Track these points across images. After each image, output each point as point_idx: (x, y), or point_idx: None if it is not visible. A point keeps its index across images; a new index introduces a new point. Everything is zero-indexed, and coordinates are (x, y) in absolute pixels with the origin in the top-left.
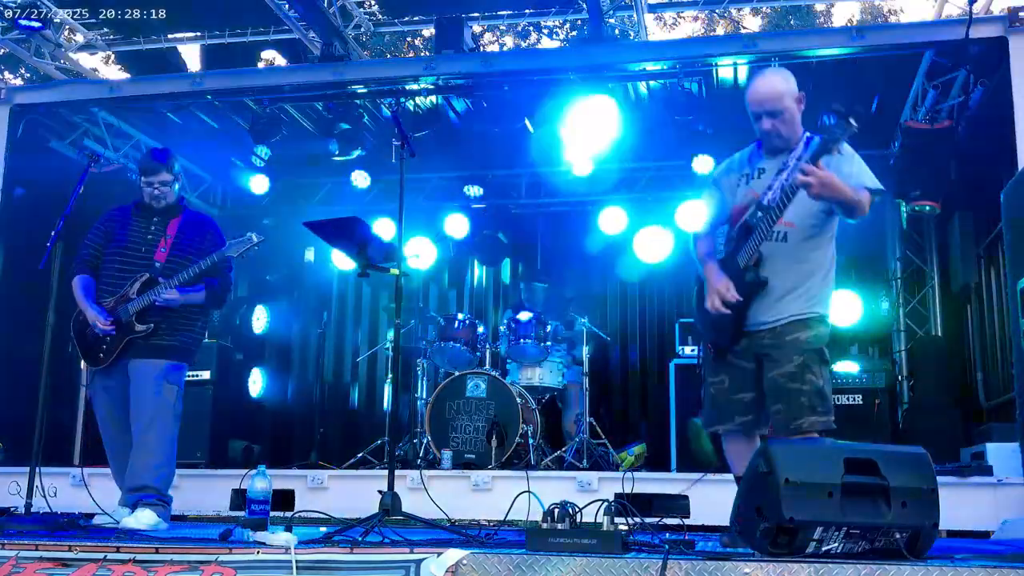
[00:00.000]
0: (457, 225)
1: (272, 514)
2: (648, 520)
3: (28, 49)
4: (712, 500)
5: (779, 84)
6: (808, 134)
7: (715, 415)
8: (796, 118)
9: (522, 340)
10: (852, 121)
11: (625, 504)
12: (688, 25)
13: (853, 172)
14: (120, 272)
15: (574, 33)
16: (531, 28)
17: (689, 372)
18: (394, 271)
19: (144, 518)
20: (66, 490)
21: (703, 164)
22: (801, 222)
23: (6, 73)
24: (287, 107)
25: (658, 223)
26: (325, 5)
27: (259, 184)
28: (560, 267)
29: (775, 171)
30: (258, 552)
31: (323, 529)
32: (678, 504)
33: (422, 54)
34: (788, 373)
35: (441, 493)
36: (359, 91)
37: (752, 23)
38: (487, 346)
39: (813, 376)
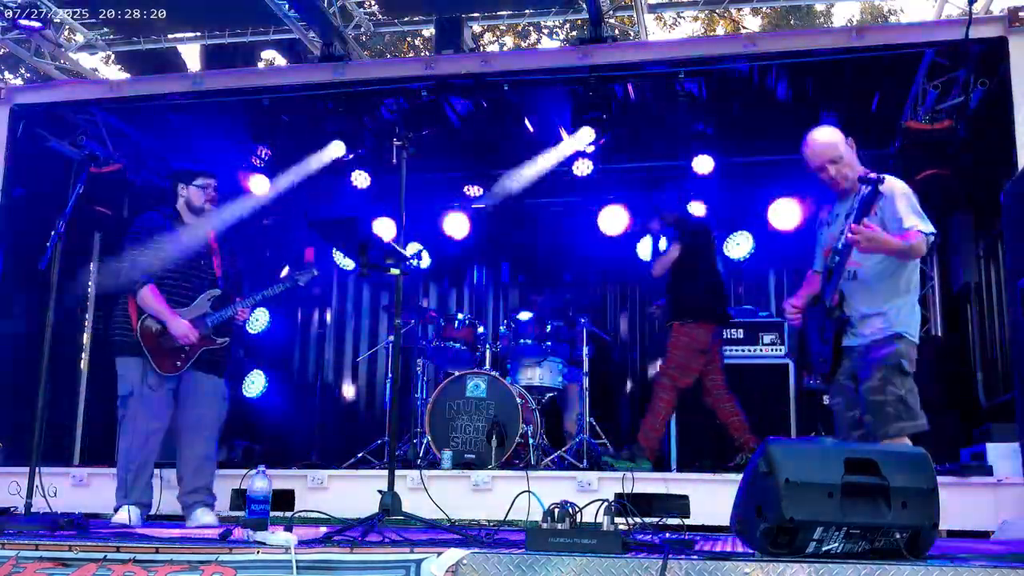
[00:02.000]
0: (457, 225)
1: (272, 514)
2: (648, 520)
3: (28, 49)
4: (712, 500)
5: (833, 134)
6: (865, 175)
7: (837, 432)
8: (853, 160)
9: (522, 340)
10: (880, 189)
11: (625, 504)
12: (688, 25)
13: (898, 216)
14: (178, 283)
15: (574, 33)
16: (531, 28)
17: None
18: (394, 271)
19: (209, 518)
20: (66, 490)
21: (703, 164)
22: (865, 260)
23: (6, 73)
24: (287, 107)
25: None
26: (325, 5)
27: (259, 184)
28: (560, 267)
29: (844, 214)
30: (258, 552)
31: (323, 529)
32: (678, 504)
33: (422, 54)
34: (872, 387)
35: (441, 493)
36: (359, 91)
37: (752, 23)
38: (487, 346)
39: (894, 387)
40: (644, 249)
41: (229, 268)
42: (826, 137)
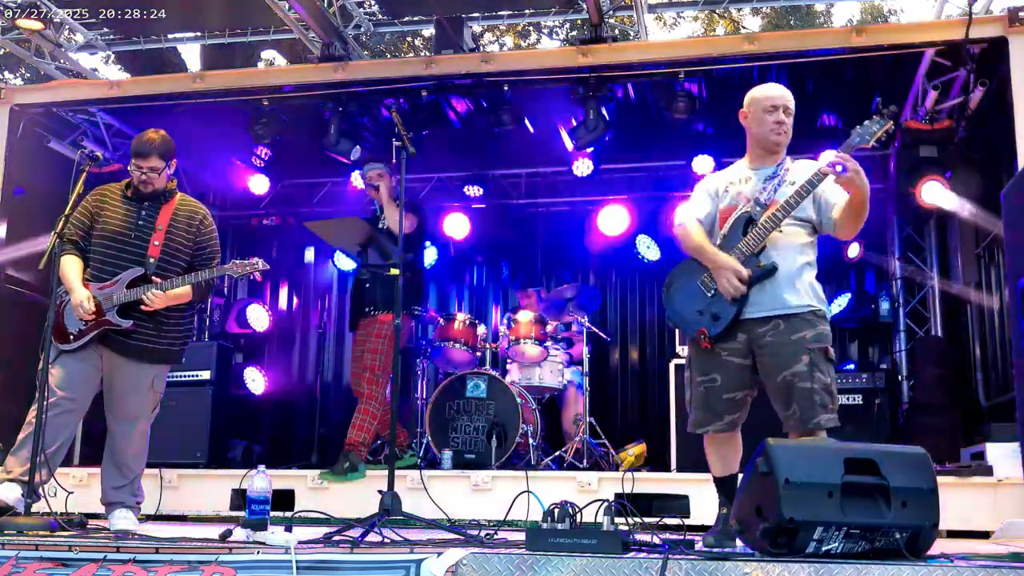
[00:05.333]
0: (457, 225)
1: (272, 514)
2: (648, 520)
3: (28, 49)
4: (712, 500)
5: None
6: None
7: (705, 416)
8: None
9: (522, 340)
10: (892, 108)
11: (625, 504)
12: (688, 25)
13: (836, 199)
14: (107, 259)
15: (574, 33)
16: (531, 28)
17: None
18: (394, 271)
19: (125, 523)
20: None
21: (703, 164)
22: (793, 219)
23: (6, 73)
24: (287, 107)
25: (658, 224)
26: (325, 5)
27: (259, 184)
28: (560, 267)
29: (763, 178)
30: (258, 552)
31: (323, 529)
32: (678, 504)
33: (422, 54)
34: (799, 373)
35: (441, 493)
36: (359, 91)
37: (752, 23)
38: (487, 346)
39: (821, 374)
40: (642, 247)
41: (174, 251)
42: (785, 89)
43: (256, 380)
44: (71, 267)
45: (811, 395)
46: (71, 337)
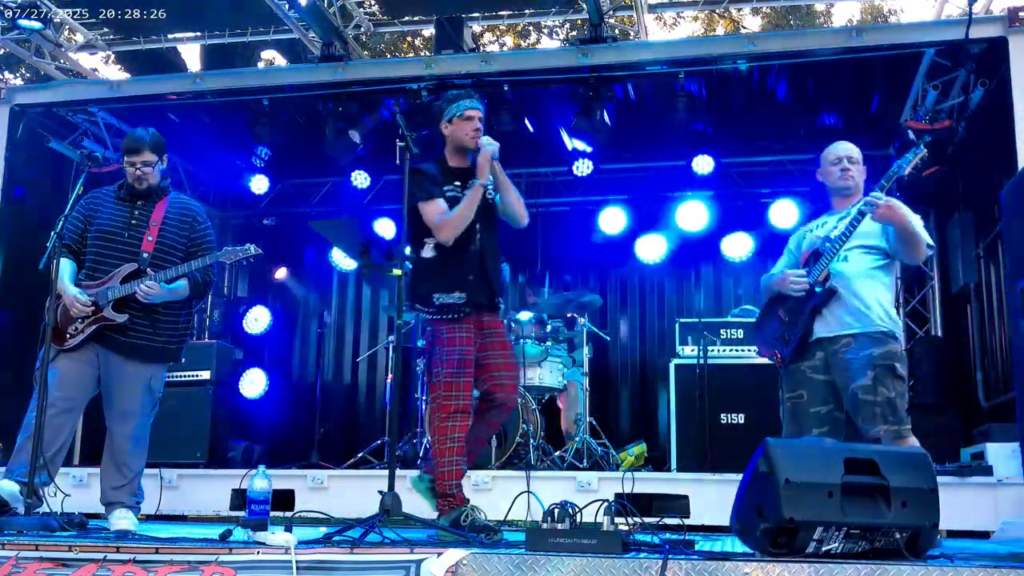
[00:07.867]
0: None
1: (272, 514)
2: (648, 520)
3: (28, 49)
4: (712, 500)
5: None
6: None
7: (796, 428)
8: (863, 177)
9: (522, 340)
10: (922, 146)
11: (625, 504)
12: (688, 25)
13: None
14: (102, 258)
15: (574, 33)
16: (531, 28)
17: (689, 372)
18: (395, 271)
19: (125, 523)
20: (66, 490)
21: (703, 164)
22: (861, 247)
23: (6, 73)
24: (287, 107)
25: (658, 224)
26: (325, 5)
27: (259, 184)
28: (560, 267)
29: (837, 219)
30: (258, 552)
31: (323, 529)
32: (678, 504)
33: (422, 54)
34: (863, 386)
35: None
36: (359, 91)
37: (752, 23)
38: None
39: (885, 389)
40: (642, 248)
41: (168, 247)
42: (851, 145)
43: (256, 380)
44: (63, 270)
45: (872, 408)
46: (67, 336)
